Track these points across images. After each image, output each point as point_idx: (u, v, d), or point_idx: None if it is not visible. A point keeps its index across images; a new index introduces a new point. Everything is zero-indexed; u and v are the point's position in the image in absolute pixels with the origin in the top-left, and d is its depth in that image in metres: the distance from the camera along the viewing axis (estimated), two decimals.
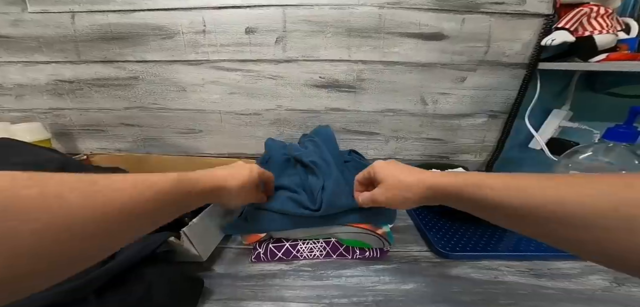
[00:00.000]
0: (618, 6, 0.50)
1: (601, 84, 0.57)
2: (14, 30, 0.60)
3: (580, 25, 0.50)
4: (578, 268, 0.41)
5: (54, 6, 0.58)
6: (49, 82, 0.65)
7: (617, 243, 0.16)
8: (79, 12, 0.59)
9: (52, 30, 0.60)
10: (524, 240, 0.45)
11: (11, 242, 0.13)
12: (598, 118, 0.55)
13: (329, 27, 0.58)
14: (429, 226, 0.48)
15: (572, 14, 0.50)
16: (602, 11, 0.48)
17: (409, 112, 0.66)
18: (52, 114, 0.68)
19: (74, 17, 0.59)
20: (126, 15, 0.59)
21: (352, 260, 0.42)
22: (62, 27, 0.60)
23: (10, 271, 0.13)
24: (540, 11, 0.55)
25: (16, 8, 0.59)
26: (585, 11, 0.49)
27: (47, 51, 0.62)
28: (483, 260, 0.42)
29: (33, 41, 0.61)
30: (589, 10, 0.49)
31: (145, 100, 0.66)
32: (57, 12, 0.59)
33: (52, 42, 0.61)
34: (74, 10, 0.59)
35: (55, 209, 0.15)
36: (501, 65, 0.60)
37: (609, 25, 0.48)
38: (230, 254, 0.42)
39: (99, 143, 0.72)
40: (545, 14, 0.55)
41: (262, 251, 0.41)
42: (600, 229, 0.16)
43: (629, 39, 0.49)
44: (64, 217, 0.15)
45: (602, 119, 0.49)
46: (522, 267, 0.41)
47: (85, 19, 0.59)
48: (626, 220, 0.15)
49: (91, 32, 0.60)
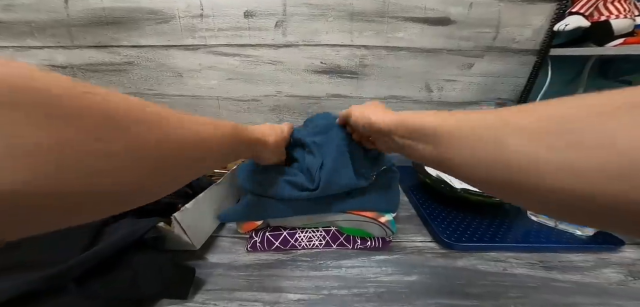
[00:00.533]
0: None
1: (615, 71, 0.54)
2: (5, 15, 0.59)
3: (596, 9, 0.48)
4: (591, 261, 0.39)
5: None
6: (41, 67, 0.63)
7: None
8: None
9: (44, 15, 0.58)
10: (534, 231, 0.43)
11: (138, 150, 0.14)
12: None
13: (331, 10, 0.56)
14: (433, 216, 0.46)
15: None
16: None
17: (414, 100, 0.63)
18: None
19: (67, 2, 0.57)
20: (120, 0, 0.56)
21: (352, 250, 0.40)
22: (55, 11, 0.58)
23: (136, 175, 0.14)
24: None
25: None
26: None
27: (39, 36, 0.60)
28: (490, 251, 0.40)
29: (25, 26, 0.59)
30: None
31: (141, 86, 0.64)
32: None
33: (44, 27, 0.59)
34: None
35: (165, 127, 0.17)
36: (510, 52, 0.58)
37: (626, 9, 0.46)
38: (225, 243, 0.41)
39: None
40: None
41: (259, 240, 0.39)
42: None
43: None
44: (174, 135, 0.17)
45: None
46: (532, 259, 0.39)
47: (78, 3, 0.57)
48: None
49: (85, 17, 0.58)
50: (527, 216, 0.46)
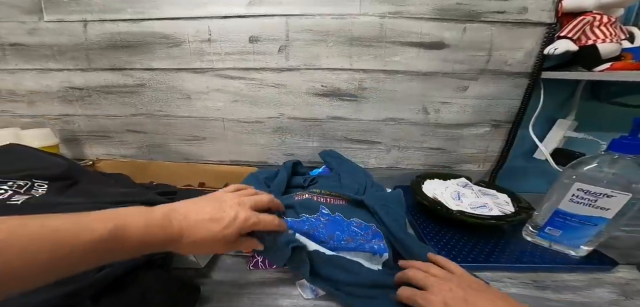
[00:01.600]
0: (621, 15, 0.50)
1: (606, 93, 0.56)
2: (30, 39, 0.63)
3: (583, 34, 0.50)
4: (584, 281, 0.39)
5: (68, 15, 0.61)
6: (60, 89, 0.67)
7: None
8: (91, 21, 0.61)
9: (65, 39, 0.63)
10: (528, 251, 0.44)
11: None
12: (604, 128, 0.54)
13: (331, 36, 0.59)
14: (429, 236, 0.47)
15: (574, 22, 0.50)
16: (605, 20, 0.48)
17: (411, 121, 0.66)
18: (62, 120, 0.70)
19: (86, 26, 0.61)
20: (135, 24, 0.61)
21: None
22: (75, 35, 0.62)
23: None
24: (542, 20, 0.55)
25: (33, 17, 0.61)
26: (588, 20, 0.48)
27: (60, 59, 0.64)
28: (485, 271, 0.41)
29: (47, 49, 0.64)
30: (591, 18, 0.48)
31: (151, 108, 0.67)
32: (71, 21, 0.61)
33: (65, 50, 0.64)
34: (86, 19, 0.61)
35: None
36: (503, 75, 0.60)
37: (612, 33, 0.48)
38: (228, 261, 0.42)
39: (105, 149, 0.73)
40: (547, 23, 0.55)
41: (260, 259, 0.41)
42: None
43: (633, 48, 0.48)
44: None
45: (608, 129, 0.48)
46: (526, 279, 0.40)
47: (96, 27, 0.61)
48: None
49: (102, 40, 0.62)
50: (522, 237, 0.47)
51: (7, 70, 0.66)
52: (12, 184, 0.34)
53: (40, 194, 0.35)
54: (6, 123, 0.70)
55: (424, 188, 0.57)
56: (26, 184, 0.35)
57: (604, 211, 0.37)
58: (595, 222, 0.38)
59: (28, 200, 0.32)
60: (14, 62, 0.65)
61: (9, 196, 0.32)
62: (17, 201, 0.32)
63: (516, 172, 0.67)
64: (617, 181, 0.36)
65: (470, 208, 0.49)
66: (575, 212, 0.39)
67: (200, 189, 0.64)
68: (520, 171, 0.67)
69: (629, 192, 0.35)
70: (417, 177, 0.61)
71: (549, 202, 0.43)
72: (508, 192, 0.54)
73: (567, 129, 0.57)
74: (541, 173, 0.64)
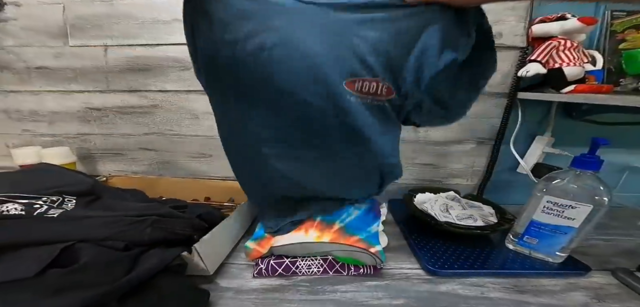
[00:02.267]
0: (584, 40, 0.56)
1: (578, 112, 0.61)
2: (55, 62, 0.69)
3: (551, 57, 0.54)
4: (560, 285, 0.43)
5: (91, 41, 0.67)
6: (80, 110, 0.73)
7: None
8: (111, 46, 0.67)
9: (88, 62, 0.69)
10: (510, 259, 0.48)
11: None
12: (579, 144, 0.58)
13: None
14: (420, 245, 0.51)
15: (543, 47, 0.55)
16: (569, 44, 0.53)
17: (403, 139, 0.69)
18: (80, 138, 0.75)
19: (106, 50, 0.68)
20: (151, 49, 0.67)
21: (347, 276, 0.45)
22: (97, 59, 0.68)
23: None
24: (516, 44, 0.61)
25: (59, 42, 0.67)
26: (554, 44, 0.54)
27: (81, 81, 0.70)
28: (470, 277, 0.44)
29: (70, 72, 0.70)
30: (557, 43, 0.53)
31: (163, 127, 0.73)
32: (94, 45, 0.67)
33: (86, 73, 0.70)
34: (107, 44, 0.67)
35: None
36: (485, 95, 0.66)
37: (576, 57, 0.53)
38: (234, 269, 0.46)
39: (118, 166, 0.78)
40: (520, 47, 0.61)
41: (264, 267, 0.44)
42: None
43: (596, 71, 0.54)
44: None
45: (582, 145, 0.53)
46: (507, 284, 0.43)
47: (116, 51, 0.68)
48: None
49: (121, 64, 0.69)
50: (505, 245, 0.51)
51: (32, 92, 0.72)
52: (46, 199, 0.39)
53: (70, 207, 0.40)
54: (27, 141, 0.75)
55: (416, 201, 0.61)
56: (58, 200, 0.40)
57: (570, 220, 0.41)
58: (565, 231, 0.43)
59: (62, 213, 0.37)
60: (38, 84, 0.71)
61: (45, 210, 0.37)
62: (54, 214, 0.36)
63: (502, 186, 0.71)
64: (581, 193, 0.40)
65: (457, 219, 0.53)
66: (547, 222, 0.44)
67: (206, 203, 0.68)
68: (506, 185, 0.71)
69: (591, 204, 0.39)
70: (410, 191, 0.65)
71: (525, 213, 0.47)
72: (493, 205, 0.59)
73: (545, 145, 0.62)
74: (524, 186, 0.68)
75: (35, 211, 0.36)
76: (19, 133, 0.75)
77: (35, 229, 0.33)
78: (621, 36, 0.57)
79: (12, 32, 0.67)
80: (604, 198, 0.39)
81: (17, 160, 0.64)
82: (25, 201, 0.37)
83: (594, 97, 0.47)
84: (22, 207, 0.36)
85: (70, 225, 0.35)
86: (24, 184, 0.41)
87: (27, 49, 0.68)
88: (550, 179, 0.44)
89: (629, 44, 0.56)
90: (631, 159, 0.69)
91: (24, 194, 0.38)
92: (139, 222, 0.38)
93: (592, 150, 0.40)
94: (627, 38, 0.56)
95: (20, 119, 0.74)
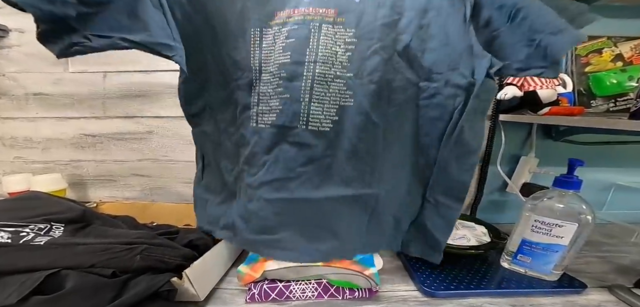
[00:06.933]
0: None
1: (557, 133, 0.64)
2: (53, 88, 0.70)
3: (526, 80, 0.57)
4: (558, 303, 0.43)
5: (91, 67, 0.68)
6: (74, 136, 0.73)
7: None
8: (110, 72, 0.69)
9: (86, 88, 0.70)
10: (506, 278, 0.48)
11: None
12: (562, 163, 0.61)
13: None
14: (415, 267, 0.50)
15: None
16: None
17: None
18: (72, 165, 0.75)
19: (105, 76, 0.69)
20: (148, 75, 0.69)
21: (342, 300, 0.44)
22: (95, 85, 0.69)
23: None
24: None
25: (59, 68, 0.68)
26: None
27: (78, 107, 0.71)
28: (468, 298, 0.44)
29: (68, 98, 0.71)
30: None
31: (157, 153, 0.73)
32: (93, 71, 0.69)
33: (83, 99, 0.71)
34: (106, 70, 0.69)
35: None
36: None
37: (548, 81, 0.56)
38: (226, 294, 0.44)
39: (109, 192, 0.77)
40: None
41: (257, 292, 0.43)
42: None
43: (567, 93, 0.57)
44: None
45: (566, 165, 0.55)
46: (505, 304, 0.43)
47: (114, 78, 0.69)
48: None
49: (118, 90, 0.70)
50: (500, 264, 0.51)
51: (27, 118, 0.72)
52: (33, 227, 0.38)
53: (57, 235, 0.39)
54: (18, 168, 0.74)
55: None
56: (46, 227, 0.39)
57: (559, 238, 0.42)
58: (555, 249, 0.43)
59: (49, 241, 0.36)
60: (35, 111, 0.72)
61: (32, 237, 0.36)
62: (41, 241, 0.35)
63: (495, 205, 0.72)
64: (566, 212, 0.41)
65: (450, 239, 0.53)
66: (537, 240, 0.44)
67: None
68: (498, 204, 0.72)
69: (576, 222, 0.40)
70: None
71: (516, 232, 0.48)
72: (486, 224, 0.59)
73: (530, 165, 0.64)
74: (516, 206, 0.69)
75: (22, 238, 0.35)
76: (11, 160, 0.75)
77: (21, 256, 0.33)
78: (585, 60, 0.61)
79: (15, 59, 0.69)
80: (587, 217, 0.41)
81: (6, 188, 0.63)
82: (12, 229, 0.36)
83: (568, 118, 0.50)
84: (9, 236, 0.35)
85: (57, 252, 0.34)
86: (11, 212, 0.40)
87: (27, 75, 0.70)
88: (536, 198, 0.45)
89: (594, 67, 0.60)
90: (616, 177, 0.71)
91: (10, 222, 0.38)
92: (128, 250, 0.38)
93: (570, 171, 0.42)
94: (592, 61, 0.61)
95: (14, 145, 0.74)
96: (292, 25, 0.37)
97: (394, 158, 0.40)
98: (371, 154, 0.39)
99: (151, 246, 0.40)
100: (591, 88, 0.59)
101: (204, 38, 0.41)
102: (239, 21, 0.39)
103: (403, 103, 0.38)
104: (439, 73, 0.36)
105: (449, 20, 0.35)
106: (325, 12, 0.36)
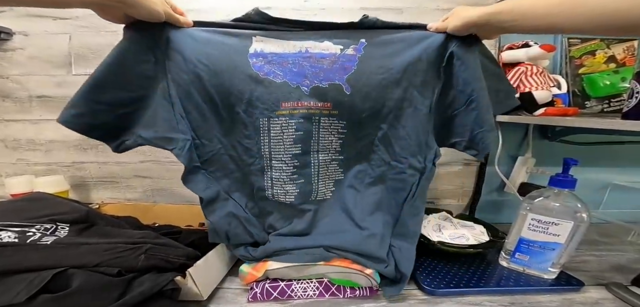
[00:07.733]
0: (548, 65, 0.60)
1: (553, 133, 0.65)
2: (57, 91, 0.71)
3: (521, 82, 0.58)
4: (556, 301, 0.43)
5: (94, 69, 0.69)
6: (77, 138, 0.73)
7: None
8: None
9: None
10: (505, 276, 0.48)
11: None
12: (558, 163, 0.62)
13: None
14: (416, 265, 0.51)
15: (512, 72, 0.59)
16: (536, 70, 0.57)
17: None
18: (74, 167, 0.75)
19: None
20: None
21: (343, 299, 0.44)
22: None
23: None
24: None
25: (63, 71, 0.69)
26: (522, 70, 0.58)
27: None
28: (467, 296, 0.44)
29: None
30: (525, 68, 0.58)
31: (159, 155, 0.74)
32: None
33: None
34: None
35: None
36: None
37: (542, 82, 0.57)
38: (228, 294, 0.45)
39: (111, 193, 0.77)
40: None
41: (259, 291, 0.44)
42: None
43: (562, 94, 0.58)
44: None
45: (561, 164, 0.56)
46: (504, 301, 0.43)
47: None
48: None
49: None
50: (499, 263, 0.52)
51: (31, 121, 0.73)
52: (39, 227, 0.39)
53: (63, 235, 0.39)
54: (21, 170, 0.75)
55: None
56: (52, 227, 0.40)
57: (556, 236, 0.43)
58: (552, 247, 0.44)
59: (55, 240, 0.37)
60: (39, 113, 0.72)
61: (39, 237, 0.37)
62: (47, 241, 0.36)
63: (492, 205, 0.73)
64: (562, 211, 0.42)
65: (449, 239, 0.54)
66: (534, 239, 0.45)
67: (201, 229, 0.67)
68: (496, 204, 0.73)
69: (572, 220, 0.41)
70: None
71: (514, 230, 0.48)
72: (484, 224, 0.60)
73: (527, 165, 0.65)
74: (514, 205, 0.70)
75: (29, 238, 0.36)
76: (13, 162, 0.75)
77: (28, 256, 0.33)
78: (579, 61, 0.62)
79: (19, 62, 0.69)
80: (583, 215, 0.42)
81: (9, 189, 0.64)
82: (19, 229, 0.37)
83: (563, 119, 0.51)
84: (16, 235, 0.36)
85: (63, 252, 0.35)
86: (17, 212, 0.41)
87: (31, 78, 0.70)
88: (533, 197, 0.46)
89: (588, 69, 0.61)
90: (612, 176, 0.72)
91: (17, 222, 0.38)
92: (133, 250, 0.38)
93: (565, 171, 0.43)
94: (585, 63, 0.62)
95: (16, 148, 0.74)
96: (298, 118, 0.44)
97: (372, 210, 0.51)
98: (358, 209, 0.50)
99: (155, 245, 0.41)
100: (585, 89, 0.60)
101: (214, 127, 0.46)
102: (248, 111, 0.44)
103: (377, 178, 0.49)
104: (405, 158, 0.47)
105: (416, 114, 0.45)
106: (323, 106, 0.44)
